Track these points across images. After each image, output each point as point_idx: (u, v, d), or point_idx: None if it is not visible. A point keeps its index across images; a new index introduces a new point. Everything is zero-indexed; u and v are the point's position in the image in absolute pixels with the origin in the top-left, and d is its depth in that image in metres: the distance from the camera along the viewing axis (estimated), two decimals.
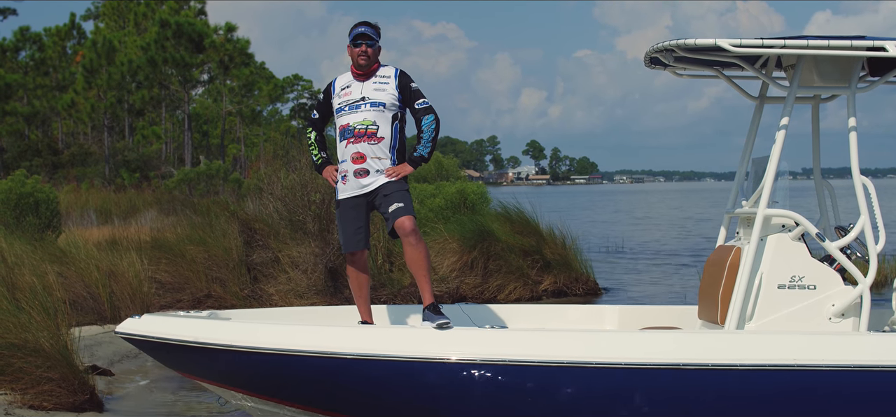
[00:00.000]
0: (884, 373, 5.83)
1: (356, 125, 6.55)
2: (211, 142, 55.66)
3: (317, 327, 6.29)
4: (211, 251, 13.72)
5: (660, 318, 7.58)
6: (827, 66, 6.57)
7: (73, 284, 11.66)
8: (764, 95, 7.06)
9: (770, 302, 6.34)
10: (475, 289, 14.74)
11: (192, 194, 33.70)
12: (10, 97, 44.87)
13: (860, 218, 6.40)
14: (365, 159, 6.55)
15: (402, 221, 6.41)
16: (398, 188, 6.53)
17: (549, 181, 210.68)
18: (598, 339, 6.02)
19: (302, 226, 14.18)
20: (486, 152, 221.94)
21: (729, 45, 6.08)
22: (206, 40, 41.70)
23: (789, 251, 6.40)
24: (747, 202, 6.83)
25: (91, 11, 62.90)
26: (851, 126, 6.40)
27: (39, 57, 50.63)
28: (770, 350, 5.85)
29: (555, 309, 7.96)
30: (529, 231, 16.12)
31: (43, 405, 7.78)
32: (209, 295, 13.20)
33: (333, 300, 13.17)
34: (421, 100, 6.63)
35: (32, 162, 42.58)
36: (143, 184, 39.26)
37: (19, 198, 16.70)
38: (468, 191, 17.78)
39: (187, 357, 6.41)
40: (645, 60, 6.92)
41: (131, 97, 45.78)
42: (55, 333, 8.01)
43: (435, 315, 6.23)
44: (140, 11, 51.96)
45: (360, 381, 5.97)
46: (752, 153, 7.15)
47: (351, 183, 6.61)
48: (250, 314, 7.55)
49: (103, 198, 28.94)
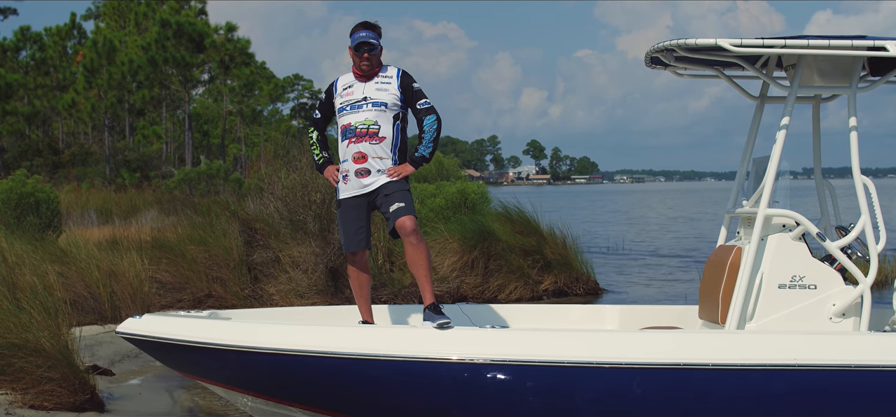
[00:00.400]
0: (884, 373, 5.83)
1: (358, 125, 6.55)
2: (211, 142, 55.67)
3: (317, 327, 6.29)
4: (211, 251, 13.72)
5: (660, 318, 7.58)
6: (827, 66, 6.57)
7: (74, 284, 11.65)
8: (764, 95, 7.06)
9: (771, 301, 6.34)
10: (476, 289, 14.74)
11: (193, 194, 33.69)
12: (10, 97, 44.87)
13: (861, 217, 6.40)
14: (366, 159, 6.55)
15: (403, 221, 6.41)
16: (399, 188, 6.53)
17: (550, 181, 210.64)
18: (598, 339, 6.02)
19: (303, 226, 14.17)
20: (486, 152, 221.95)
21: (729, 45, 6.08)
22: (206, 40, 41.69)
23: (790, 251, 6.40)
24: (748, 202, 6.83)
25: (92, 11, 62.88)
26: (852, 126, 6.40)
27: (40, 56, 50.65)
28: (771, 349, 5.85)
29: (555, 308, 7.97)
30: (530, 231, 16.12)
31: (43, 405, 7.77)
32: (210, 294, 13.20)
33: (334, 300, 13.16)
34: (423, 101, 6.63)
35: (33, 161, 42.55)
36: (144, 184, 39.24)
37: (20, 198, 16.69)
38: (469, 190, 17.78)
39: (188, 356, 6.41)
40: (645, 60, 6.92)
41: (132, 97, 45.80)
42: (56, 333, 8.01)
43: (435, 315, 6.24)
44: (140, 11, 51.94)
45: (360, 381, 5.97)
46: (752, 153, 7.15)
47: (352, 182, 6.62)
48: (251, 314, 7.55)
49: (104, 198, 28.92)
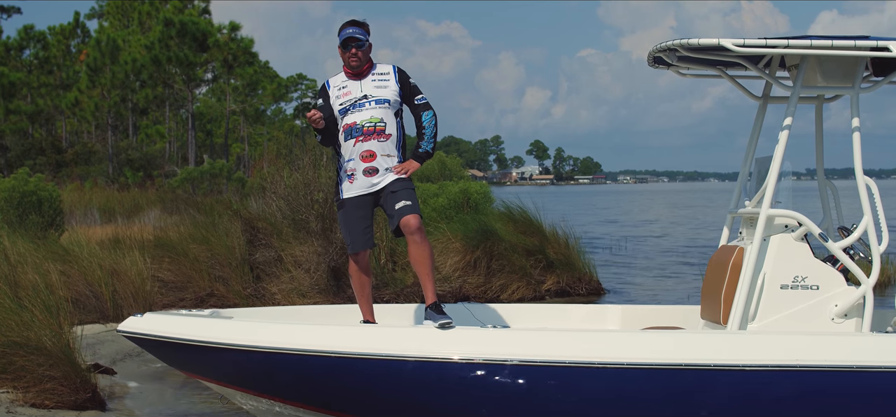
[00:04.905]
0: (886, 374, 5.82)
1: (364, 123, 6.53)
2: (214, 141, 55.69)
3: (319, 326, 6.30)
4: (214, 250, 13.72)
5: (662, 318, 7.57)
6: (830, 66, 6.55)
7: (76, 283, 11.66)
8: (767, 95, 7.05)
9: (773, 302, 6.33)
10: (478, 289, 14.73)
11: (196, 193, 33.68)
12: (13, 95, 44.82)
13: (863, 218, 6.40)
14: (375, 157, 6.53)
15: (408, 219, 6.40)
16: (404, 186, 6.53)
17: (553, 181, 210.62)
18: (600, 339, 6.01)
19: (305, 225, 14.18)
20: (489, 152, 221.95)
21: (732, 45, 6.07)
22: (209, 39, 41.66)
23: (792, 251, 6.39)
24: (750, 202, 6.82)
25: (95, 10, 62.98)
26: (855, 126, 6.39)
27: (43, 55, 50.67)
28: (772, 350, 5.84)
29: (558, 308, 7.96)
30: (532, 230, 16.11)
31: (45, 403, 7.78)
32: (212, 293, 13.20)
33: (336, 299, 13.16)
34: (419, 96, 6.67)
35: (36, 160, 42.56)
36: (147, 183, 39.21)
37: (22, 197, 16.70)
38: (471, 190, 17.77)
39: (189, 355, 6.41)
40: (648, 60, 6.91)
41: (135, 96, 45.83)
42: (57, 331, 8.01)
43: (437, 314, 6.22)
44: (144, 10, 51.91)
45: (362, 380, 5.96)
46: (755, 153, 7.14)
47: (359, 181, 6.58)
48: (252, 313, 7.54)
49: (107, 197, 28.92)
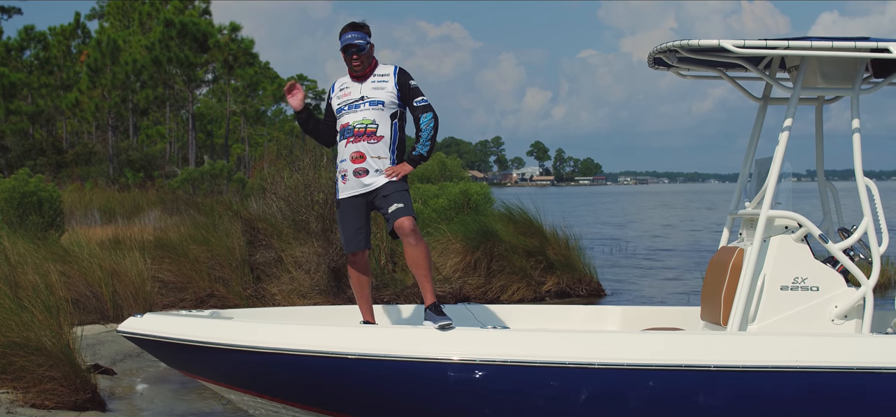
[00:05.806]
0: (886, 376, 5.82)
1: (356, 124, 6.53)
2: (215, 142, 55.74)
3: (319, 327, 6.28)
4: (214, 250, 13.72)
5: (662, 319, 7.57)
6: (830, 68, 6.55)
7: (76, 283, 11.66)
8: (768, 96, 7.05)
9: (773, 303, 6.33)
10: (478, 290, 14.73)
11: (196, 194, 33.68)
12: (14, 96, 44.87)
13: (863, 219, 6.39)
14: (365, 158, 6.53)
15: (402, 222, 6.39)
16: (398, 188, 6.50)
17: (553, 182, 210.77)
18: (600, 340, 6.01)
19: (305, 226, 14.18)
20: (490, 153, 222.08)
21: (732, 46, 6.07)
22: (210, 40, 41.70)
23: (792, 252, 6.39)
24: (750, 203, 6.82)
25: (96, 11, 63.04)
26: (855, 127, 6.38)
27: (44, 56, 50.69)
28: (772, 351, 5.84)
29: (558, 309, 7.95)
30: (533, 231, 16.10)
31: (45, 403, 7.78)
32: (212, 294, 13.20)
33: (336, 300, 13.16)
34: (419, 99, 6.60)
35: (36, 161, 42.56)
36: (147, 184, 39.23)
37: (23, 197, 16.71)
38: (471, 191, 17.78)
39: (189, 356, 6.41)
40: (649, 61, 6.91)
41: (135, 96, 45.85)
42: (57, 332, 8.01)
43: (436, 315, 6.21)
44: (144, 11, 51.96)
45: (361, 381, 5.96)
46: (755, 154, 7.14)
47: (351, 182, 6.59)
48: (252, 313, 7.54)
49: (107, 198, 28.93)
